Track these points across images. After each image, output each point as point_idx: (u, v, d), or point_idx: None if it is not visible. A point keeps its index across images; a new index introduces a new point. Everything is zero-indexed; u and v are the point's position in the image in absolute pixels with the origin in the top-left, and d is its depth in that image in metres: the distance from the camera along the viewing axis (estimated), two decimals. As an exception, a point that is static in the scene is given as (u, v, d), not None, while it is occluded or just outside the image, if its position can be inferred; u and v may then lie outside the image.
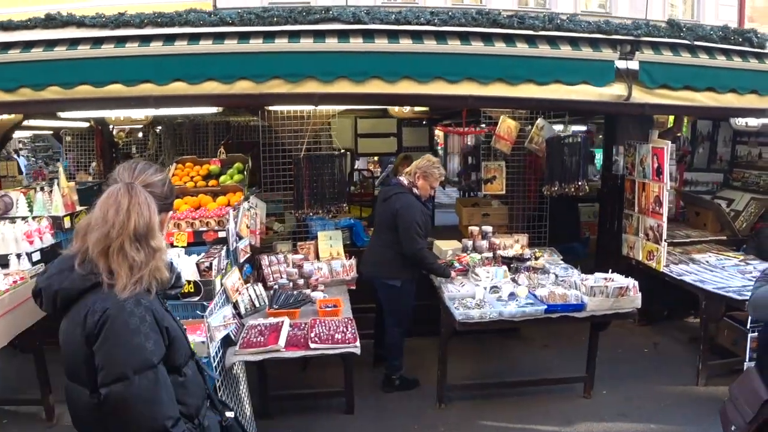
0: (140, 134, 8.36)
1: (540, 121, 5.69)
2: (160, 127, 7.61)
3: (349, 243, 5.76)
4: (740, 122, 6.17)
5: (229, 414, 2.34)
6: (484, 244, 5.42)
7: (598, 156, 8.00)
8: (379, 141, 8.90)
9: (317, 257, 5.43)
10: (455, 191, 9.00)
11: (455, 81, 4.87)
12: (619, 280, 4.58)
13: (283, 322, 4.17)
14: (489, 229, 5.53)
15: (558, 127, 12.67)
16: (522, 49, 4.97)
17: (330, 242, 5.57)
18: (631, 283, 4.52)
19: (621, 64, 5.21)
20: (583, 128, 8.39)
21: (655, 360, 5.72)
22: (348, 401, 4.75)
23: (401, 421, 4.70)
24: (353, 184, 9.16)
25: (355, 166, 9.87)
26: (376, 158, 12.22)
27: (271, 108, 5.48)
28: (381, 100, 5.19)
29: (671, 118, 6.39)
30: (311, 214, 5.34)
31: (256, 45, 4.76)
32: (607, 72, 5.15)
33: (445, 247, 5.58)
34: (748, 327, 4.67)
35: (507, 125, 5.65)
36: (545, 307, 4.34)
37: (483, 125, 5.97)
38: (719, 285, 5.08)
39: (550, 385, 5.11)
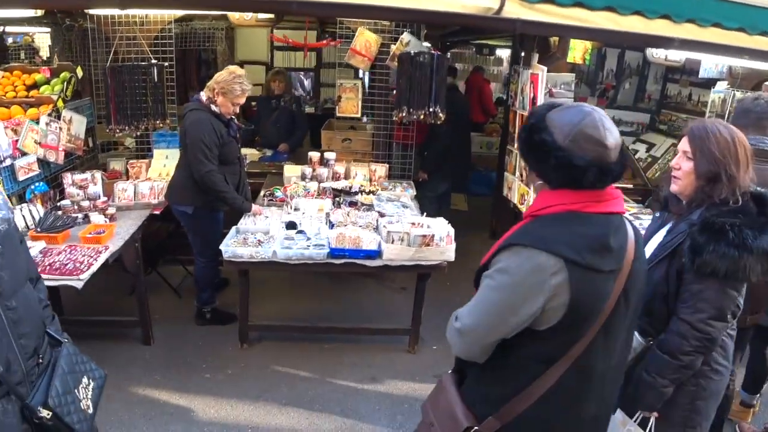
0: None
1: (405, 36, 4.89)
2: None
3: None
4: (657, 55, 5.24)
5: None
6: (325, 172, 4.84)
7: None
8: (299, 55, 8.10)
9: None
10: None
11: (284, -17, 4.18)
12: (434, 227, 3.98)
13: (33, 246, 3.75)
14: (332, 155, 4.92)
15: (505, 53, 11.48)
16: (365, -55, 4.18)
17: (165, 161, 5.07)
18: (445, 232, 3.91)
19: (499, -28, 4.39)
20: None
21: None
22: (144, 331, 4.46)
23: (194, 357, 4.35)
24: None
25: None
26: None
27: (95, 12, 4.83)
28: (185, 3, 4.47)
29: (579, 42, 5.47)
30: (117, 130, 4.78)
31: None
32: (475, -23, 4.34)
33: (289, 173, 5.02)
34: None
35: (365, 39, 4.88)
36: (328, 251, 3.80)
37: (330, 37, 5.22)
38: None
39: (373, 334, 4.63)
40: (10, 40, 7.49)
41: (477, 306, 1.72)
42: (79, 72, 4.94)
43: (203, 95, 4.19)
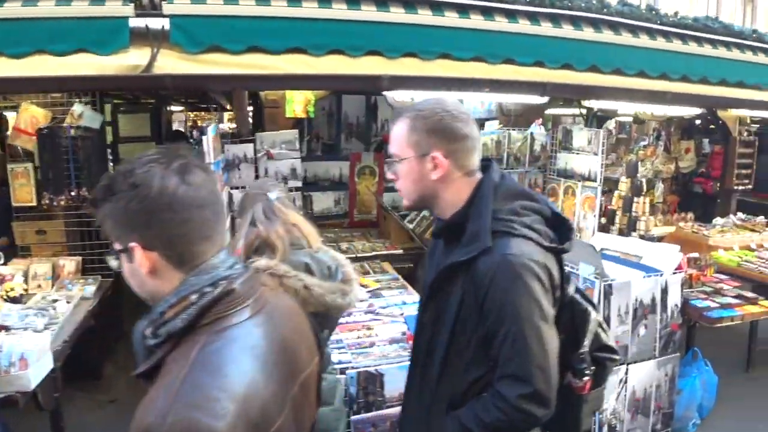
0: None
1: (77, 107, 4.15)
2: None
3: None
4: (399, 98, 4.46)
5: None
6: None
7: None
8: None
9: None
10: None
11: None
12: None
13: None
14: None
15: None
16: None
17: None
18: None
19: (152, 23, 3.66)
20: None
21: None
22: None
23: None
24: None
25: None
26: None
27: None
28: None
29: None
30: None
31: None
32: (115, 33, 3.59)
33: None
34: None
35: (31, 115, 4.14)
36: None
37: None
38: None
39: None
40: None
41: None
42: None
43: None
